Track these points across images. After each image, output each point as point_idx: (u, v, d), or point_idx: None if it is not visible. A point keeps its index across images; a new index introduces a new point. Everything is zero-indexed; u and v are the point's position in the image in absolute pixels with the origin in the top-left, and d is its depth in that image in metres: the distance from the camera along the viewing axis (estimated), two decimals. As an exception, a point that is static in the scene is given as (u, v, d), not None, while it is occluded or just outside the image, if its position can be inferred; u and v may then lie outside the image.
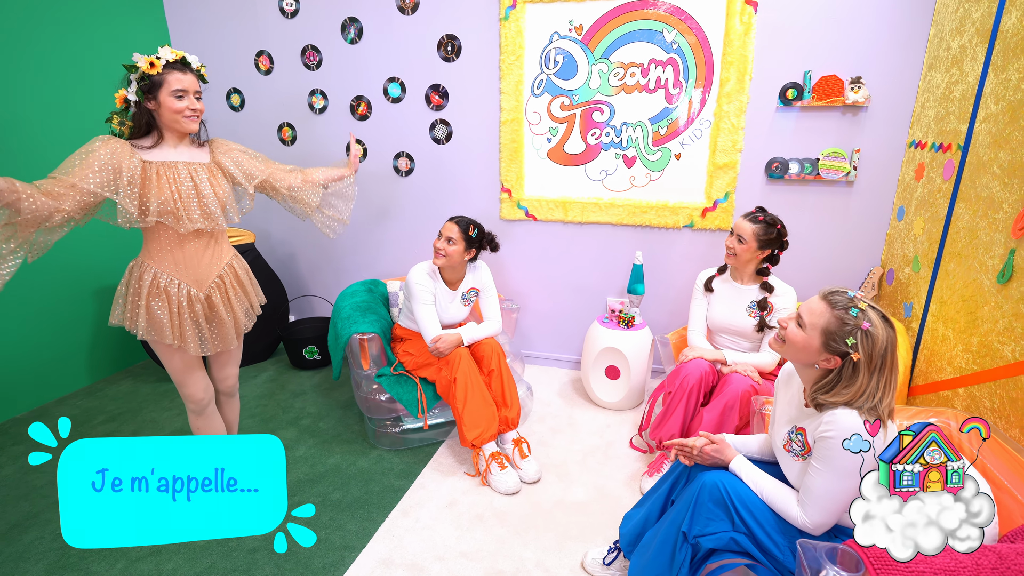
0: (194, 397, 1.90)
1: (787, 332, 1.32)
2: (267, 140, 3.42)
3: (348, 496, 2.15)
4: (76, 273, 2.97)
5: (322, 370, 3.33)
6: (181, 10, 3.34)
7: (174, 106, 1.65)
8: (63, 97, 2.84)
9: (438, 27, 2.94)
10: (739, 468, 1.42)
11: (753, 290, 2.24)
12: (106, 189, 1.58)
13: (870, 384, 1.21)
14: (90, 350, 3.12)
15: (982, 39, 1.88)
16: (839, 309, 1.24)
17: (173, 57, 1.65)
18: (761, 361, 2.18)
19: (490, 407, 2.28)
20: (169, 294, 1.74)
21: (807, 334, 1.27)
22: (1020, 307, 1.53)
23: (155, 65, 1.62)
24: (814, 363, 1.28)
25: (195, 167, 1.74)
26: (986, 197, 1.76)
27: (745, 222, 2.17)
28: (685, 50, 2.63)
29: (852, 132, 2.54)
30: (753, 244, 2.15)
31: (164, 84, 1.63)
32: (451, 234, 2.33)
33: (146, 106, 1.66)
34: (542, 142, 2.95)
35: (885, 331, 1.22)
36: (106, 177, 1.58)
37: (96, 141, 1.60)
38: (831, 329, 1.24)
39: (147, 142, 1.69)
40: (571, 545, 1.90)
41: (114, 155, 1.59)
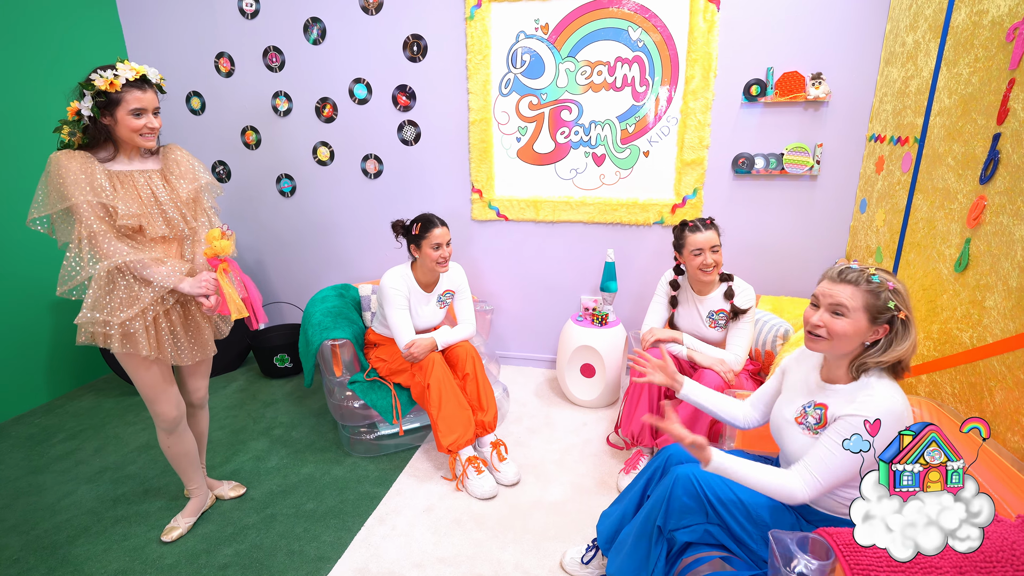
0: (167, 416, 1.83)
1: (833, 328, 1.27)
2: (230, 144, 3.34)
3: (323, 506, 2.11)
4: (31, 285, 2.85)
5: (294, 378, 3.27)
6: (136, 12, 3.24)
7: (132, 124, 1.60)
8: (9, 101, 2.72)
9: (403, 27, 2.91)
10: (721, 464, 1.32)
11: (713, 299, 2.21)
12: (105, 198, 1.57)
13: (916, 333, 1.26)
14: (48, 365, 3.00)
15: (934, 35, 1.93)
16: (863, 282, 1.25)
17: (133, 75, 1.58)
18: (728, 359, 2.13)
19: (465, 411, 2.26)
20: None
21: (852, 318, 1.25)
22: (976, 294, 1.58)
23: (114, 84, 1.56)
24: (863, 342, 1.28)
25: (149, 174, 1.70)
26: (942, 188, 1.81)
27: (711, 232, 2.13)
28: (651, 48, 2.65)
29: (814, 127, 2.59)
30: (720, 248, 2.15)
31: (122, 103, 1.58)
32: (448, 237, 2.32)
33: (102, 121, 1.60)
34: (511, 142, 2.94)
35: (899, 282, 1.26)
36: (97, 187, 1.56)
37: (60, 159, 1.54)
38: (870, 303, 1.24)
39: (103, 154, 1.63)
40: (549, 545, 1.89)
41: (83, 166, 1.55)
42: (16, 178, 2.76)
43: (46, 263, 2.88)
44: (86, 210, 1.54)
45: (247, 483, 2.25)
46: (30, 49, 2.79)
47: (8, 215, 2.73)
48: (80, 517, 2.08)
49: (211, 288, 1.70)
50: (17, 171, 2.76)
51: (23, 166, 2.78)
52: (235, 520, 2.05)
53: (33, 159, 2.81)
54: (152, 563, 1.84)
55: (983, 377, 1.52)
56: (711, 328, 2.22)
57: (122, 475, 2.33)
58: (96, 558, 1.87)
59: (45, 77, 2.86)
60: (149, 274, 1.63)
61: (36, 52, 2.81)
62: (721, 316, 2.20)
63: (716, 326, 2.21)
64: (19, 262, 2.80)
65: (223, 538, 1.96)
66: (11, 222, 2.75)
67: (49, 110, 2.87)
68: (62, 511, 2.11)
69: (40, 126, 2.84)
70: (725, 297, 2.19)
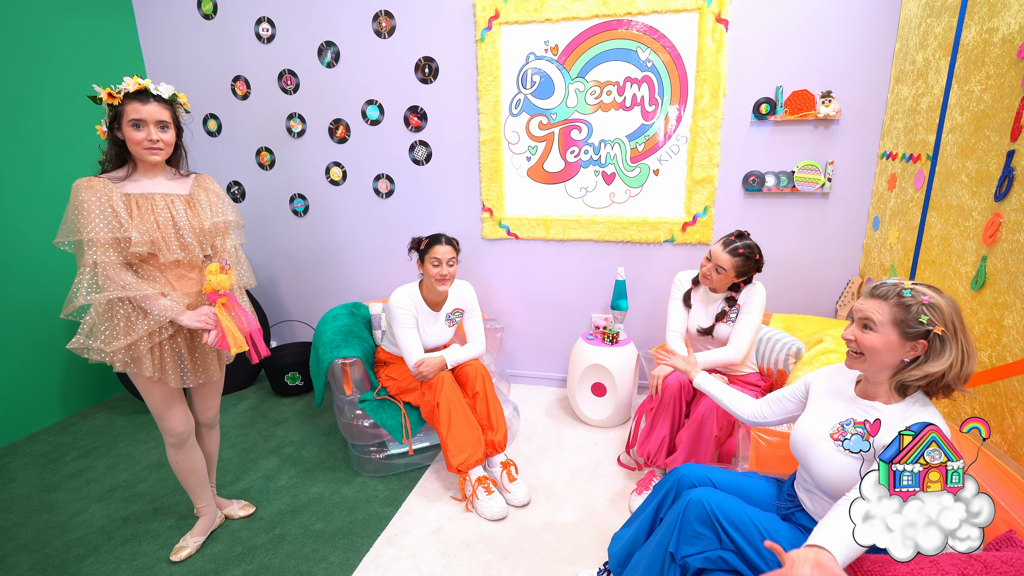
0: (174, 431, 1.84)
1: (862, 342, 1.26)
2: (245, 165, 3.40)
3: (331, 526, 2.10)
4: (47, 305, 2.90)
5: (304, 396, 3.27)
6: (155, 37, 3.33)
7: (132, 137, 1.62)
8: (34, 129, 2.80)
9: (415, 50, 2.96)
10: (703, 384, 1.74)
11: (726, 297, 2.23)
12: (117, 231, 1.59)
13: (958, 351, 1.19)
14: (63, 383, 3.03)
15: (944, 52, 1.93)
16: (893, 297, 1.22)
17: (134, 87, 1.62)
18: (727, 357, 2.15)
19: (475, 431, 2.24)
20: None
21: (881, 332, 1.23)
22: (994, 313, 1.55)
23: (114, 96, 1.60)
24: (900, 359, 1.24)
25: (172, 198, 1.71)
26: (956, 206, 1.79)
27: (724, 254, 2.10)
28: (660, 68, 2.67)
29: (825, 145, 2.58)
30: (731, 274, 2.12)
31: (123, 115, 1.61)
32: (450, 255, 2.32)
33: (116, 135, 1.64)
34: (521, 161, 2.97)
35: (943, 297, 1.20)
36: (110, 219, 1.58)
37: (79, 189, 1.58)
38: (900, 317, 1.20)
39: (120, 173, 1.66)
40: (560, 568, 1.86)
41: (99, 198, 1.58)
42: (38, 200, 2.82)
43: (62, 282, 2.93)
44: (94, 243, 1.57)
45: (257, 502, 2.24)
46: (52, 72, 2.87)
47: (26, 234, 2.79)
48: (91, 536, 2.08)
49: (210, 322, 1.70)
50: (40, 194, 2.83)
51: (45, 190, 2.84)
52: (244, 540, 2.04)
53: (55, 183, 2.87)
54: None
55: (1003, 398, 1.49)
56: (723, 323, 2.22)
57: (133, 493, 2.34)
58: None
59: (66, 100, 2.93)
60: (148, 306, 1.64)
61: (57, 76, 2.89)
62: (734, 311, 2.20)
63: (728, 321, 2.21)
64: (36, 281, 2.85)
65: (231, 558, 1.94)
66: (29, 241, 2.80)
67: (70, 133, 2.95)
68: (73, 529, 2.12)
69: (63, 149, 2.91)
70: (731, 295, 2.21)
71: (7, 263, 2.72)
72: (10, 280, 2.74)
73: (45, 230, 2.84)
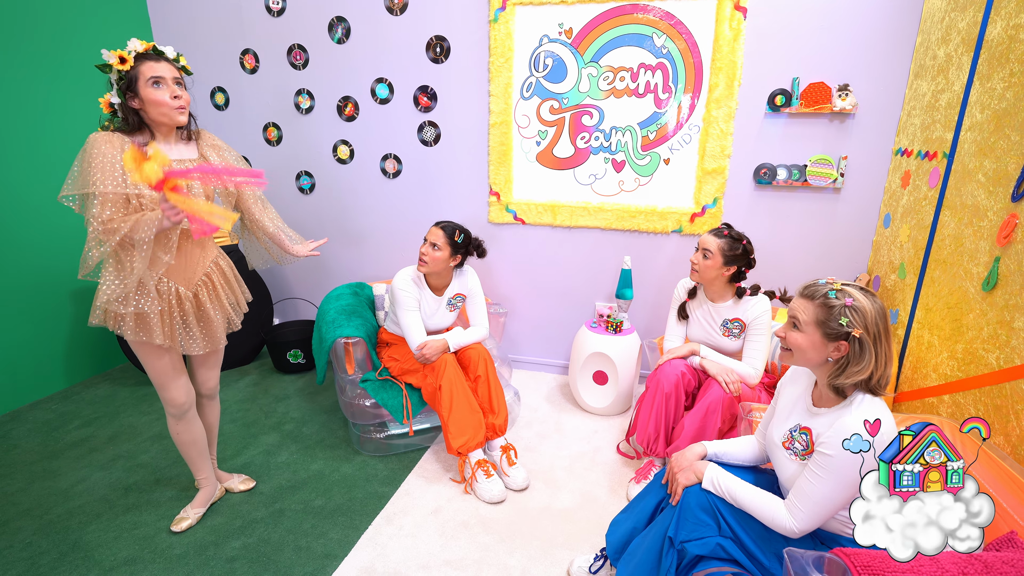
0: (176, 401, 1.85)
1: (789, 339, 1.32)
2: (252, 140, 3.37)
3: (331, 503, 2.11)
4: (53, 274, 2.90)
5: (306, 374, 3.28)
6: (164, 7, 3.29)
7: (154, 96, 1.58)
8: (41, 97, 2.78)
9: (427, 28, 2.92)
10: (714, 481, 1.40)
11: (726, 307, 2.19)
12: (122, 186, 1.54)
13: (878, 356, 1.22)
14: (66, 353, 3.04)
15: (967, 48, 1.89)
16: (819, 297, 1.27)
17: (143, 47, 1.59)
18: (743, 371, 2.11)
19: (476, 414, 2.25)
20: (159, 293, 1.70)
21: (805, 332, 1.28)
22: (1004, 315, 1.54)
23: (126, 60, 1.57)
24: (826, 358, 1.28)
25: (185, 164, 1.71)
26: (971, 205, 1.77)
27: (710, 236, 2.11)
28: (675, 55, 2.63)
29: (839, 139, 2.55)
30: (719, 259, 2.09)
31: (139, 76, 1.57)
32: (436, 240, 2.29)
33: (130, 105, 1.61)
34: (531, 145, 2.94)
35: (869, 301, 1.23)
36: (118, 174, 1.53)
37: (95, 142, 1.54)
38: (822, 318, 1.25)
39: (139, 139, 1.64)
40: (557, 552, 1.87)
41: (115, 152, 1.54)
42: (42, 168, 2.80)
43: (67, 251, 2.93)
44: (103, 197, 1.52)
45: (257, 477, 2.26)
46: (57, 44, 2.84)
47: (30, 204, 2.78)
48: (93, 504, 2.10)
49: (174, 214, 1.47)
50: (44, 162, 2.81)
51: (49, 160, 2.83)
52: (244, 513, 2.05)
53: (59, 153, 2.86)
54: (161, 552, 1.86)
55: (1009, 400, 1.48)
56: (725, 337, 2.19)
57: (135, 464, 2.36)
58: (107, 545, 1.89)
59: (72, 71, 2.91)
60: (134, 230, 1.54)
61: (63, 46, 2.86)
62: (736, 325, 2.17)
63: (731, 335, 2.18)
64: (40, 250, 2.85)
65: (231, 531, 1.96)
66: (34, 211, 2.79)
67: (77, 104, 2.92)
68: (75, 497, 2.14)
69: (68, 120, 2.89)
70: (735, 300, 2.17)
71: (11, 231, 2.72)
72: (15, 249, 2.74)
73: (49, 198, 2.83)
